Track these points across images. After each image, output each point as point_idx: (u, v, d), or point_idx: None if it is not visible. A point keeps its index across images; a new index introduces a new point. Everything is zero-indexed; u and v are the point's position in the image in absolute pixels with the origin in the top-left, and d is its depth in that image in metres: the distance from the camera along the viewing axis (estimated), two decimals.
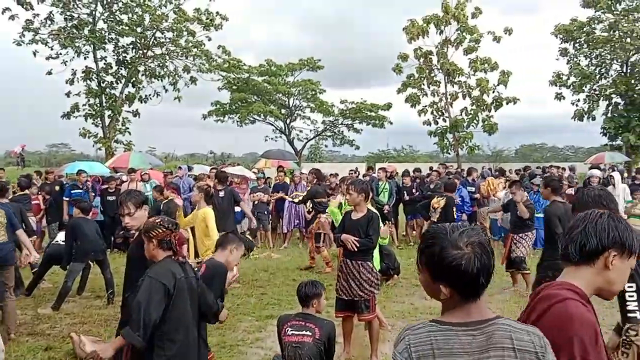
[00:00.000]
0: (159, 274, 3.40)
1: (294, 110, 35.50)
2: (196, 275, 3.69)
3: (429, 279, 1.74)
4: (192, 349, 3.47)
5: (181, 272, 3.48)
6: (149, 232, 3.50)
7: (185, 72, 27.24)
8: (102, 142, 25.92)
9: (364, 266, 5.44)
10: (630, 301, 2.98)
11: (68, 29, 24.94)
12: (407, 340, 1.71)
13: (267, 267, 10.45)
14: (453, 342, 1.66)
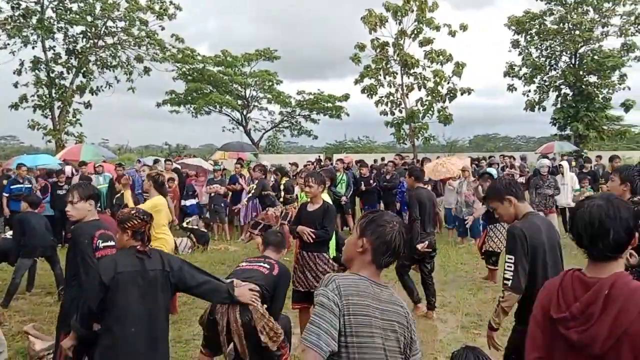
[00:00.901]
0: (100, 264, 3.51)
1: (251, 101, 35.24)
2: (165, 266, 3.57)
3: (356, 236, 2.29)
4: (133, 342, 3.40)
5: (135, 265, 3.44)
6: (124, 223, 3.54)
7: (138, 62, 26.65)
8: (52, 134, 25.15)
9: (320, 257, 5.46)
10: (506, 270, 3.52)
11: (15, 17, 24.03)
12: (336, 282, 2.17)
13: (223, 259, 10.37)
14: (369, 289, 2.20)
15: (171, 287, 3.60)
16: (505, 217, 3.79)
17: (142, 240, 3.56)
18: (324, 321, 2.08)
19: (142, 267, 3.46)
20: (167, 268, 3.57)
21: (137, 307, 3.42)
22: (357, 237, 2.29)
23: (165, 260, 3.60)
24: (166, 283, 3.55)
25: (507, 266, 3.54)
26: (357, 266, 2.28)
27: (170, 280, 3.56)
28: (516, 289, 3.48)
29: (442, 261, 9.45)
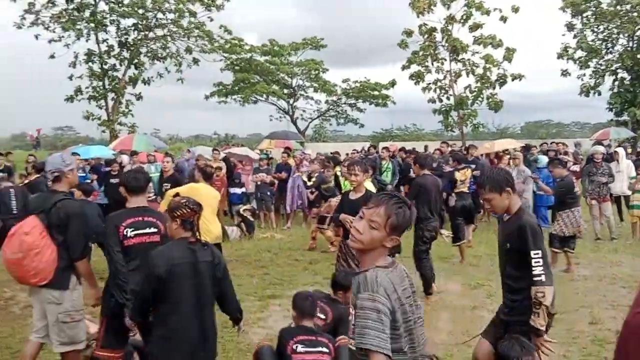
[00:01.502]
0: (155, 255, 3.48)
1: (297, 90, 35.37)
2: (215, 259, 3.64)
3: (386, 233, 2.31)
4: (187, 332, 3.46)
5: (188, 256, 3.48)
6: (173, 211, 3.55)
7: (187, 53, 27.14)
8: (106, 124, 25.97)
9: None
10: (536, 266, 3.42)
11: (69, 11, 24.85)
12: (382, 285, 2.23)
13: (269, 247, 10.50)
14: (395, 279, 2.31)
15: (215, 280, 3.66)
16: (498, 209, 3.70)
17: (192, 231, 3.57)
18: (385, 327, 2.18)
19: (194, 258, 3.49)
20: (216, 261, 3.64)
21: (190, 298, 3.46)
22: (388, 232, 2.31)
23: (215, 253, 3.68)
24: (214, 275, 3.61)
25: (535, 262, 3.45)
26: (375, 256, 2.35)
27: (215, 274, 3.63)
28: (549, 282, 3.42)
29: (490, 250, 9.30)
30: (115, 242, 4.02)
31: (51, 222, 4.09)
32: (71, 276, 4.23)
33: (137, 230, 4.04)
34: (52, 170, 4.32)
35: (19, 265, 4.00)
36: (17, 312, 6.68)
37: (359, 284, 2.29)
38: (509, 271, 3.68)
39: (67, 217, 4.12)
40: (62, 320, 4.15)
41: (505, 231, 3.73)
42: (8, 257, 4.05)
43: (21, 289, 7.57)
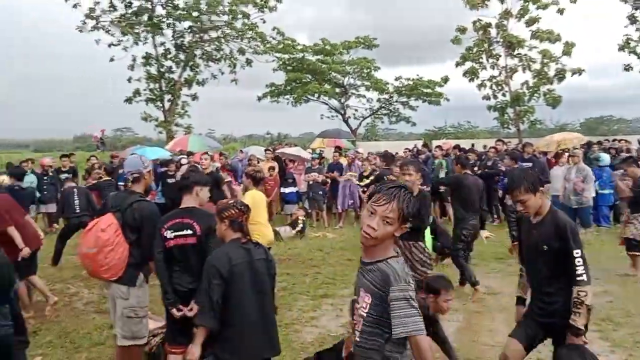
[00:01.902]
0: (214, 258, 3.53)
1: (349, 89, 35.30)
2: (268, 256, 3.72)
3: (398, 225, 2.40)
4: (251, 332, 3.51)
5: (244, 255, 3.54)
6: (221, 212, 3.64)
7: (240, 54, 27.55)
8: (163, 125, 26.68)
9: (415, 246, 5.41)
10: (578, 266, 3.37)
11: (128, 15, 25.69)
12: (408, 272, 2.38)
13: (321, 246, 10.55)
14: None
15: (271, 277, 3.71)
16: (531, 209, 3.58)
17: (241, 231, 3.63)
18: (418, 311, 2.32)
19: (250, 257, 3.56)
20: (269, 258, 3.72)
21: (250, 297, 3.51)
22: (400, 224, 2.41)
23: (268, 252, 3.76)
24: (269, 272, 3.67)
25: (577, 261, 3.41)
26: (387, 246, 2.45)
27: (270, 271, 3.69)
28: (590, 281, 3.38)
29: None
30: (159, 243, 4.13)
31: (126, 221, 4.29)
32: (139, 274, 4.41)
33: (176, 231, 4.12)
34: (133, 172, 4.52)
35: (93, 260, 4.19)
36: (80, 308, 6.93)
37: (391, 275, 2.33)
38: (547, 272, 3.60)
39: (141, 219, 4.31)
40: (126, 315, 4.34)
41: (540, 232, 3.60)
42: (83, 252, 4.26)
43: (84, 285, 7.92)
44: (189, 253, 4.06)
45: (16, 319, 3.32)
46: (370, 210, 2.40)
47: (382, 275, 2.35)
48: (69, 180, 10.27)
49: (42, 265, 7.69)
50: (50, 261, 8.82)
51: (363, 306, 2.39)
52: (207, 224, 4.02)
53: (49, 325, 6.19)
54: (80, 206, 8.94)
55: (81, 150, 35.02)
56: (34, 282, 6.66)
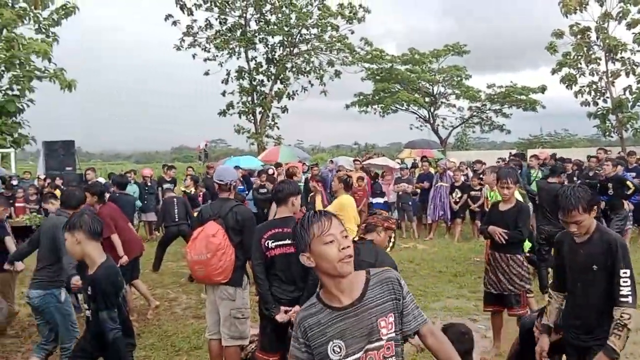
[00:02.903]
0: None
1: (439, 98, 34.72)
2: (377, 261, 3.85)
3: None
4: None
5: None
6: (385, 222, 3.87)
7: (329, 66, 27.92)
8: (255, 137, 27.52)
9: (513, 259, 5.20)
10: (624, 286, 3.14)
11: (222, 32, 26.82)
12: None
13: (412, 258, 10.41)
14: None
15: None
16: (583, 230, 3.29)
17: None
18: None
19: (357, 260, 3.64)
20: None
21: None
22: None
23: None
24: None
25: (623, 281, 3.16)
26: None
27: None
28: (635, 304, 3.13)
29: None
30: (258, 254, 4.21)
31: (228, 225, 4.51)
32: (244, 275, 4.65)
33: (277, 241, 4.18)
34: (231, 181, 4.79)
35: (207, 264, 4.40)
36: (179, 313, 7.23)
37: (392, 274, 2.18)
38: (594, 293, 3.31)
39: (243, 221, 4.56)
40: (234, 316, 4.56)
41: (588, 252, 3.32)
42: (194, 259, 4.47)
43: (183, 291, 8.26)
44: (291, 262, 4.11)
45: (124, 323, 3.50)
46: None
47: (388, 284, 2.13)
48: (169, 191, 10.77)
49: (143, 271, 8.12)
50: (151, 267, 9.29)
51: (386, 332, 2.07)
52: None
53: (151, 329, 6.51)
54: (179, 215, 9.38)
55: (178, 162, 36.77)
56: (138, 287, 7.03)
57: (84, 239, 3.41)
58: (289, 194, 4.33)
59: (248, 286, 4.75)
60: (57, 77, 21.02)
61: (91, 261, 3.47)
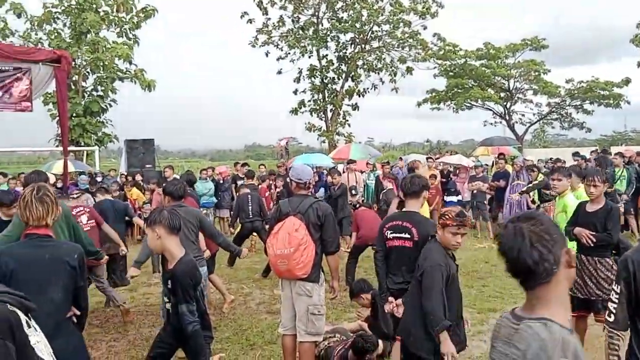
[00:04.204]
0: (438, 256, 3.79)
1: (515, 94, 33.58)
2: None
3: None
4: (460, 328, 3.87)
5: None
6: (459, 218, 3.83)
7: (401, 62, 27.61)
8: (326, 135, 27.63)
9: (601, 262, 4.93)
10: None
11: (295, 30, 27.11)
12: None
13: (487, 258, 10.11)
14: None
15: None
16: None
17: None
18: None
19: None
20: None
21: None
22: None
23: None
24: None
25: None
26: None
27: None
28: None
29: None
30: (380, 242, 4.48)
31: (309, 220, 4.58)
32: (321, 272, 4.69)
33: (395, 233, 4.37)
34: (309, 180, 4.87)
35: (290, 258, 4.46)
36: (253, 308, 7.34)
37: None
38: None
39: (323, 217, 4.61)
40: (311, 312, 4.60)
41: None
42: (277, 253, 4.54)
43: (257, 286, 8.40)
44: (405, 255, 4.27)
45: (202, 316, 3.57)
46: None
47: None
48: (244, 187, 10.97)
49: (218, 266, 8.29)
50: (226, 262, 9.49)
51: None
52: (425, 231, 4.18)
53: (226, 322, 6.64)
54: (253, 211, 9.54)
55: (251, 159, 37.50)
56: (214, 281, 7.19)
57: (164, 234, 3.50)
58: (423, 187, 4.51)
59: (324, 283, 4.76)
60: (138, 78, 21.93)
61: (171, 256, 3.56)
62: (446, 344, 3.57)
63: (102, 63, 21.22)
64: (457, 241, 3.78)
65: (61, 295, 3.05)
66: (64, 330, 3.07)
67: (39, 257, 3.03)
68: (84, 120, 21.08)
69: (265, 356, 5.53)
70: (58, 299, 3.04)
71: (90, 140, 21.40)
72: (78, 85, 21.48)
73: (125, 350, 5.80)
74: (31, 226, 3.09)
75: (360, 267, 8.74)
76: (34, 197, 3.07)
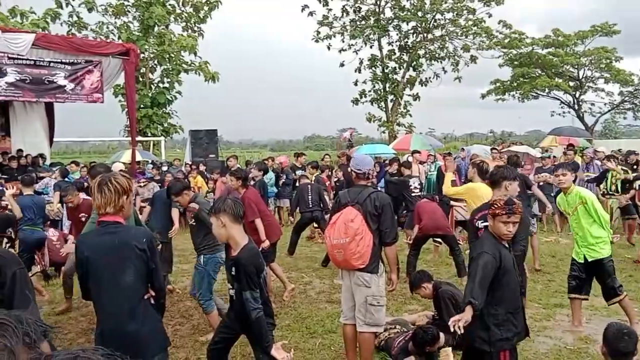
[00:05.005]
0: (491, 248, 3.69)
1: (585, 82, 32.24)
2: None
3: None
4: (519, 321, 3.77)
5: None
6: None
7: (464, 51, 27.04)
8: (386, 125, 27.46)
9: None
10: None
11: (357, 20, 27.01)
12: None
13: (554, 252, 9.80)
14: None
15: None
16: None
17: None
18: None
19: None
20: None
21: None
22: None
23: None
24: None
25: None
26: None
27: None
28: None
29: None
30: (472, 233, 4.59)
31: (367, 210, 4.55)
32: (380, 263, 4.65)
33: (485, 222, 4.35)
34: (369, 170, 4.84)
35: (346, 249, 4.47)
36: (313, 296, 7.39)
37: None
38: None
39: (381, 207, 4.56)
40: (369, 303, 4.58)
41: None
42: (333, 242, 4.57)
43: (316, 275, 8.46)
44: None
45: (265, 303, 3.63)
46: None
47: None
48: (303, 177, 11.05)
49: (279, 255, 8.40)
50: (286, 251, 9.61)
51: None
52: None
53: (286, 310, 6.73)
54: (313, 201, 9.59)
55: (310, 150, 37.70)
56: (275, 270, 7.30)
57: (228, 222, 3.56)
58: (502, 177, 4.71)
59: (384, 274, 4.72)
60: (202, 70, 22.44)
61: (235, 243, 3.63)
62: (464, 314, 3.44)
63: (168, 55, 21.83)
64: (509, 230, 3.65)
65: (133, 278, 3.16)
66: (138, 313, 3.18)
67: (109, 243, 3.15)
68: (151, 111, 21.78)
69: (326, 345, 5.57)
70: (130, 282, 3.15)
71: (157, 131, 22.10)
72: (145, 78, 22.20)
73: (190, 335, 5.98)
74: (101, 214, 3.22)
75: (421, 259, 8.66)
76: (96, 188, 3.21)
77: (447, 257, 8.81)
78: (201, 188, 13.14)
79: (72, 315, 6.75)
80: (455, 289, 5.53)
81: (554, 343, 5.55)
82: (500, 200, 3.68)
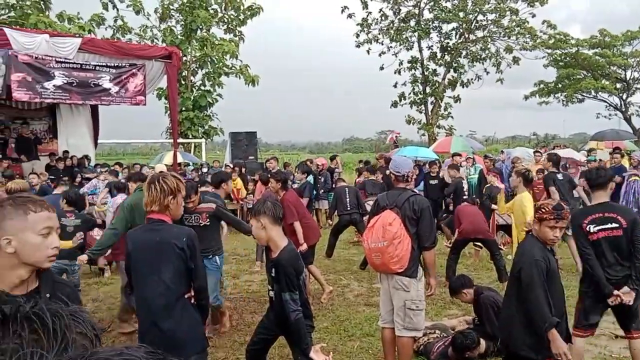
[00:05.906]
0: (534, 253, 3.63)
1: (632, 84, 31.23)
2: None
3: None
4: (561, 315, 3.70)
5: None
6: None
7: (507, 52, 26.59)
8: (426, 127, 27.21)
9: None
10: None
11: (396, 22, 26.86)
12: None
13: None
14: None
15: None
16: None
17: None
18: None
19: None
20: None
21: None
22: None
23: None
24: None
25: None
26: None
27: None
28: None
29: None
30: (582, 239, 4.43)
31: (406, 214, 4.51)
32: (419, 267, 4.60)
33: (599, 225, 4.36)
34: (408, 172, 4.79)
35: (384, 252, 4.45)
36: (351, 299, 7.37)
37: None
38: None
39: (420, 211, 4.51)
40: (408, 307, 4.54)
41: None
42: (371, 246, 4.55)
43: (354, 278, 8.44)
44: (615, 244, 4.32)
45: (304, 305, 3.64)
46: None
47: None
48: (340, 180, 11.03)
49: (317, 257, 8.40)
50: (324, 253, 9.61)
51: None
52: (631, 217, 4.37)
53: (324, 312, 6.72)
54: (350, 204, 9.56)
55: (349, 152, 37.66)
56: (313, 272, 7.30)
57: (268, 224, 3.59)
58: (609, 178, 4.59)
59: (423, 278, 4.67)
60: (243, 73, 22.69)
61: (274, 245, 3.65)
62: (556, 342, 3.42)
63: (210, 59, 22.15)
64: (555, 235, 3.56)
65: (170, 276, 3.23)
66: (175, 311, 3.24)
67: (150, 240, 3.26)
68: (192, 114, 22.13)
69: (364, 348, 5.55)
70: (167, 279, 3.22)
71: (198, 133, 22.45)
72: (187, 81, 22.58)
73: (228, 335, 6.04)
74: (148, 211, 3.32)
75: (462, 263, 8.54)
76: (145, 186, 3.34)
77: (487, 262, 8.66)
78: (240, 190, 13.26)
79: (115, 313, 6.91)
80: (497, 294, 5.42)
81: (599, 351, 5.40)
82: (548, 205, 3.60)
